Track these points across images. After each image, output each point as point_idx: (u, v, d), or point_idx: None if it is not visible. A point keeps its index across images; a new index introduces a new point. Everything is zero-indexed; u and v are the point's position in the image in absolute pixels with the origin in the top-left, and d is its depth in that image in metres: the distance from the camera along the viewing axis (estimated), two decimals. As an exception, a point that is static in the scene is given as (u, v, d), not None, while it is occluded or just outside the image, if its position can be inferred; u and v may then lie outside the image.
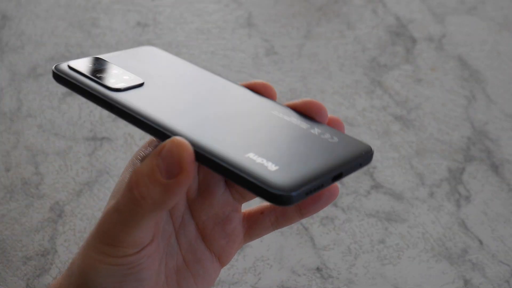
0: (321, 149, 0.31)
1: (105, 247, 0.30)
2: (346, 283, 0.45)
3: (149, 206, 0.29)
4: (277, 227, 0.37)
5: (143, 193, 0.28)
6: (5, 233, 0.47)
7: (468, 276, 0.46)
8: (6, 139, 0.53)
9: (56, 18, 0.62)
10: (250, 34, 0.62)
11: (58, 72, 0.33)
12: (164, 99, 0.32)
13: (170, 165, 0.28)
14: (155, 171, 0.28)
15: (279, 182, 0.27)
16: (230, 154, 0.29)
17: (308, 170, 0.29)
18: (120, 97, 0.32)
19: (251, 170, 0.28)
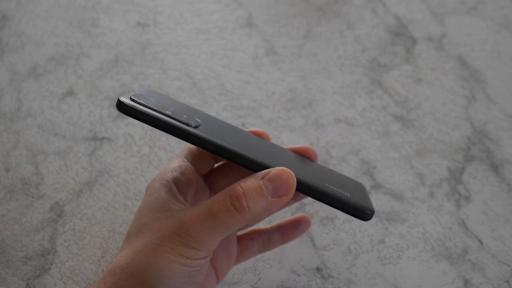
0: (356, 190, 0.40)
1: (185, 249, 0.34)
2: (346, 283, 0.45)
3: (249, 216, 0.34)
4: (261, 251, 0.44)
5: (251, 203, 0.34)
6: (5, 233, 0.47)
7: (468, 276, 0.46)
8: (6, 139, 0.53)
9: (56, 18, 0.62)
10: (250, 34, 0.62)
11: (127, 104, 0.35)
12: (227, 135, 0.38)
13: (277, 186, 0.34)
14: (262, 188, 0.34)
15: (363, 205, 0.36)
16: (318, 185, 0.36)
17: (364, 200, 0.38)
18: (198, 132, 0.36)
19: (339, 196, 0.36)
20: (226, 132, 0.39)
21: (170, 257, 0.34)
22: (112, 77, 0.58)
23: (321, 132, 0.54)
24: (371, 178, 0.51)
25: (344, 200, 0.36)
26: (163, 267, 0.34)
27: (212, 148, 0.35)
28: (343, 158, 0.53)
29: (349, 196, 0.37)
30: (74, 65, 0.58)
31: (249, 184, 0.34)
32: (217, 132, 0.38)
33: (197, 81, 0.58)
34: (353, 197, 0.37)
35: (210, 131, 0.37)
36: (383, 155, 0.53)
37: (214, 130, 0.38)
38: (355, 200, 0.37)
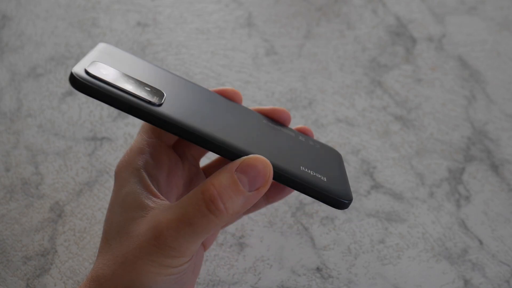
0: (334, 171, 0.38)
1: (168, 259, 0.32)
2: (346, 283, 0.45)
3: (228, 216, 0.31)
4: (246, 213, 0.41)
5: (227, 204, 0.31)
6: (5, 233, 0.47)
7: (468, 276, 0.46)
8: (6, 139, 0.53)
9: (56, 18, 0.62)
10: (250, 34, 0.62)
11: (80, 79, 0.30)
12: (195, 112, 0.34)
13: (253, 178, 0.31)
14: (238, 184, 0.31)
15: (339, 192, 0.34)
16: (291, 169, 0.33)
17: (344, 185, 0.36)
18: (162, 112, 0.31)
19: (313, 181, 0.33)
20: (194, 104, 0.35)
21: (153, 270, 0.32)
22: (112, 77, 0.58)
23: (321, 132, 0.54)
24: (371, 178, 0.51)
25: (320, 188, 0.33)
26: (147, 282, 0.32)
27: (177, 131, 0.31)
28: (343, 158, 0.53)
29: (326, 181, 0.34)
30: (74, 65, 0.58)
31: (223, 181, 0.31)
32: (183, 106, 0.33)
33: (197, 81, 0.58)
34: (330, 182, 0.35)
35: (175, 106, 0.33)
36: (383, 155, 0.53)
37: (179, 104, 0.34)
38: (332, 187, 0.34)
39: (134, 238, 0.33)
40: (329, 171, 0.36)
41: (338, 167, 0.38)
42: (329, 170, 0.36)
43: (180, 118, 0.32)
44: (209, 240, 0.40)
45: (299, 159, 0.35)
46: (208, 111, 0.35)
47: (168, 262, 0.32)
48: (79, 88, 0.30)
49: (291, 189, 0.39)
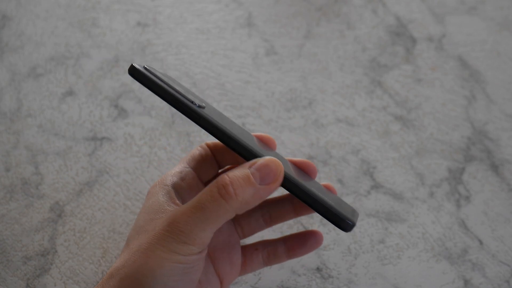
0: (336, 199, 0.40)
1: (177, 245, 0.34)
2: (346, 283, 0.45)
3: (237, 204, 0.34)
4: (267, 264, 0.42)
5: (238, 190, 0.34)
6: (5, 233, 0.47)
7: (468, 276, 0.46)
8: (6, 139, 0.53)
9: (56, 18, 0.62)
10: (250, 34, 0.62)
11: (142, 72, 0.36)
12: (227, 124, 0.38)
13: (265, 174, 0.34)
14: (250, 177, 0.34)
15: (345, 214, 0.37)
16: (305, 186, 0.36)
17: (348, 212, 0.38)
18: (204, 112, 0.36)
19: (325, 201, 0.36)
20: (228, 121, 0.39)
21: (161, 255, 0.34)
22: (112, 77, 0.58)
23: (321, 132, 0.54)
24: (371, 178, 0.51)
25: (327, 206, 0.36)
26: (155, 266, 0.33)
27: (212, 129, 0.36)
28: (343, 158, 0.53)
29: (333, 204, 0.37)
30: (74, 65, 0.58)
31: (236, 173, 0.34)
32: (219, 118, 0.38)
33: (197, 81, 0.58)
34: (337, 206, 0.37)
35: (213, 115, 0.37)
36: (383, 155, 0.53)
37: (217, 115, 0.38)
38: (338, 209, 0.37)
39: (150, 232, 0.35)
40: (341, 205, 0.39)
41: (351, 211, 0.40)
42: (342, 205, 0.39)
43: (217, 120, 0.36)
44: (227, 278, 0.41)
45: (315, 187, 0.38)
46: (239, 130, 0.39)
47: (178, 248, 0.33)
48: (138, 78, 0.36)
49: (315, 243, 0.42)
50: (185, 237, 0.34)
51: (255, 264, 0.42)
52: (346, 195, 0.50)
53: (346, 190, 0.50)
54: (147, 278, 0.33)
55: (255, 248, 0.42)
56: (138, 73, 0.36)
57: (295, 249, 0.42)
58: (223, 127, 0.36)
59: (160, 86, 0.36)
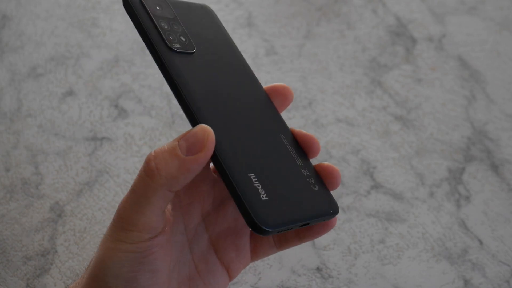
0: (303, 194, 0.34)
1: (121, 233, 0.32)
2: (346, 283, 0.45)
3: (162, 179, 0.31)
4: (280, 248, 0.39)
5: (159, 165, 0.31)
6: (5, 233, 0.47)
7: (468, 276, 0.46)
8: (6, 139, 0.53)
9: (56, 18, 0.62)
10: (250, 34, 0.62)
11: (130, 2, 0.34)
12: (203, 81, 0.34)
13: (192, 144, 0.31)
14: (175, 148, 0.31)
15: (263, 215, 0.31)
16: (236, 167, 0.32)
17: (287, 213, 0.32)
18: (171, 58, 0.33)
19: (247, 190, 0.31)
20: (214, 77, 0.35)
21: (110, 246, 0.32)
22: (112, 77, 0.58)
23: (321, 132, 0.54)
24: (371, 178, 0.51)
25: (246, 200, 0.31)
26: (105, 257, 0.32)
27: (168, 80, 0.33)
28: (343, 158, 0.53)
29: (261, 199, 0.32)
30: (74, 65, 0.58)
31: (163, 147, 0.32)
32: (199, 70, 0.34)
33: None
34: (265, 202, 0.32)
35: (190, 65, 0.34)
36: (383, 155, 0.53)
37: (198, 66, 0.35)
38: (258, 206, 0.31)
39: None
40: (283, 194, 0.33)
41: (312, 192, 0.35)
42: (286, 193, 0.33)
43: (179, 74, 0.33)
44: (234, 266, 0.38)
45: (259, 167, 0.33)
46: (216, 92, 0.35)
47: (123, 236, 0.32)
48: (125, 8, 0.33)
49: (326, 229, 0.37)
50: (127, 224, 0.32)
51: (266, 249, 0.39)
52: (346, 195, 0.50)
53: (346, 190, 0.50)
54: (100, 270, 0.33)
55: None
56: (126, 4, 0.34)
57: (307, 233, 0.38)
58: (178, 80, 0.33)
59: (138, 19, 0.33)
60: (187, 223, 0.37)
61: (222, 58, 0.37)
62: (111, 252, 0.32)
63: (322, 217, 0.34)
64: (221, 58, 0.37)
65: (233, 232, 0.38)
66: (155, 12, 0.34)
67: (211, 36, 0.37)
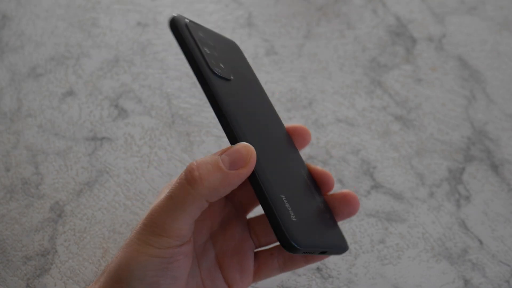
0: (323, 224, 0.36)
1: (151, 237, 0.33)
2: (346, 283, 0.45)
3: (204, 189, 0.32)
4: (284, 270, 0.40)
5: (203, 175, 0.32)
6: (5, 233, 0.47)
7: (468, 276, 0.46)
8: (6, 139, 0.53)
9: (56, 18, 0.62)
10: (250, 34, 0.62)
11: (178, 25, 0.36)
12: (240, 106, 0.36)
13: (235, 159, 0.33)
14: (219, 161, 0.33)
15: (295, 234, 0.32)
16: (272, 186, 0.34)
17: (313, 236, 0.34)
18: (213, 79, 0.35)
19: (281, 210, 0.33)
20: (248, 105, 0.37)
21: (137, 248, 0.33)
22: (112, 77, 0.58)
23: (321, 132, 0.54)
24: (371, 178, 0.51)
25: (281, 219, 0.33)
26: (130, 259, 0.33)
27: (211, 100, 0.34)
28: (343, 158, 0.53)
29: (293, 220, 0.33)
30: (74, 65, 0.58)
31: (205, 159, 0.33)
32: (236, 96, 0.36)
33: (197, 81, 0.58)
34: (296, 224, 0.33)
35: (229, 89, 0.36)
36: (383, 155, 0.53)
37: (235, 92, 0.36)
38: (292, 227, 0.33)
39: (135, 228, 0.35)
40: (307, 219, 0.35)
41: (328, 224, 0.37)
42: (310, 219, 0.35)
43: (222, 96, 0.35)
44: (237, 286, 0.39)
45: (288, 191, 0.35)
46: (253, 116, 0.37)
47: (152, 240, 0.33)
48: (172, 30, 0.36)
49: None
50: (159, 229, 0.33)
51: (270, 270, 0.40)
52: (346, 195, 0.50)
53: (346, 190, 0.50)
54: (125, 272, 0.33)
55: (270, 253, 0.40)
56: (174, 27, 0.36)
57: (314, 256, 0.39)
58: (221, 101, 0.34)
59: (185, 43, 0.35)
60: (197, 239, 0.38)
61: (252, 91, 0.39)
62: (138, 255, 0.33)
63: (336, 249, 0.36)
64: (250, 91, 0.39)
65: (239, 252, 0.39)
66: (199, 37, 0.36)
67: (241, 70, 0.40)
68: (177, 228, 0.33)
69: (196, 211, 0.33)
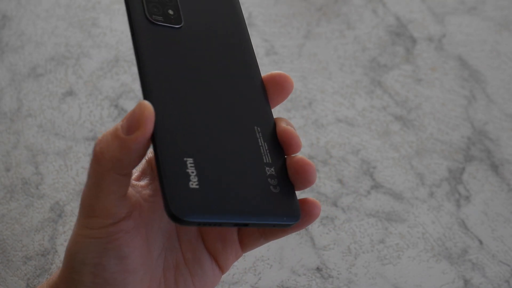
0: (252, 193, 0.30)
1: (85, 220, 0.32)
2: (346, 283, 0.45)
3: (107, 162, 0.30)
4: (267, 239, 0.37)
5: (103, 148, 0.31)
6: (5, 233, 0.47)
7: (468, 276, 0.46)
8: (6, 139, 0.53)
9: (56, 18, 0.62)
10: (250, 34, 0.62)
11: None
12: (174, 57, 0.31)
13: (131, 123, 0.30)
14: (117, 129, 0.30)
15: (180, 202, 0.27)
16: (170, 148, 0.29)
17: (216, 207, 0.28)
18: (144, 28, 0.31)
19: (173, 174, 0.28)
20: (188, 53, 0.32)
21: (77, 232, 0.33)
22: (112, 77, 0.58)
23: (321, 132, 0.54)
24: (371, 178, 0.51)
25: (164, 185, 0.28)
26: (71, 244, 0.33)
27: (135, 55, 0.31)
28: (343, 158, 0.53)
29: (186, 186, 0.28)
30: (74, 65, 0.58)
31: (110, 128, 0.31)
32: (172, 44, 0.31)
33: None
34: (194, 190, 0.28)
35: (163, 37, 0.31)
36: (383, 155, 0.53)
37: (176, 39, 0.32)
38: (181, 193, 0.28)
39: None
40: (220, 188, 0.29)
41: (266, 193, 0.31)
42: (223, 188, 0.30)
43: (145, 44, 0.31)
44: (223, 257, 0.37)
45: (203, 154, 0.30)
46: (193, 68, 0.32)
47: (86, 222, 0.32)
48: None
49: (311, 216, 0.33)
50: (87, 210, 0.32)
51: (253, 240, 0.37)
52: (346, 195, 0.50)
53: (346, 190, 0.50)
54: (69, 256, 0.33)
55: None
56: None
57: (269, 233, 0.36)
58: (140, 50, 0.30)
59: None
60: None
61: (217, 37, 0.33)
62: (77, 238, 0.32)
63: (268, 223, 0.30)
64: (215, 37, 0.33)
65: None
66: None
67: (215, 14, 0.34)
68: (102, 207, 0.31)
69: (113, 187, 0.31)
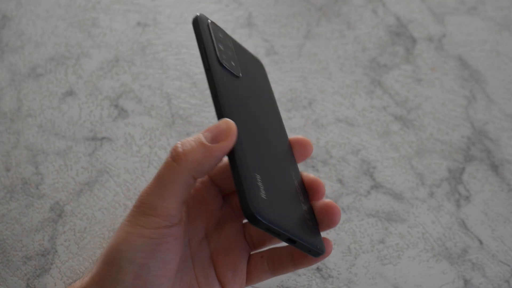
0: (298, 218, 0.36)
1: (140, 217, 0.33)
2: (346, 283, 0.45)
3: (188, 163, 0.33)
4: (274, 273, 0.40)
5: (186, 150, 0.33)
6: (5, 233, 0.47)
7: (468, 276, 0.46)
8: (6, 139, 0.53)
9: (56, 18, 0.62)
10: (250, 34, 0.62)
11: (199, 22, 0.37)
12: (240, 98, 0.37)
13: (216, 134, 0.34)
14: (201, 137, 0.34)
15: (259, 206, 0.32)
16: (246, 163, 0.34)
17: (280, 217, 0.33)
18: (218, 68, 0.36)
19: (250, 183, 0.33)
20: (248, 102, 0.38)
21: (127, 230, 0.33)
22: (112, 77, 0.58)
23: (321, 132, 0.54)
24: (371, 178, 0.51)
25: (245, 190, 0.32)
26: (120, 241, 0.33)
27: (211, 90, 0.35)
28: (343, 158, 0.53)
29: (261, 196, 0.33)
30: (74, 65, 0.58)
31: (189, 138, 0.34)
32: (237, 90, 0.37)
33: (197, 81, 0.58)
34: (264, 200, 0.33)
35: (232, 82, 0.37)
36: (383, 155, 0.53)
37: (239, 87, 0.37)
38: (255, 198, 0.32)
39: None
40: (280, 203, 0.35)
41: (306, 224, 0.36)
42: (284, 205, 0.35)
43: (221, 83, 0.36)
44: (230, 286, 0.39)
45: (266, 174, 0.35)
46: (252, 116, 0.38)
47: (141, 221, 0.33)
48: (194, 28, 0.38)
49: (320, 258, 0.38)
50: (148, 209, 0.33)
51: (261, 273, 0.40)
52: (346, 195, 0.50)
53: (346, 190, 0.50)
54: (115, 254, 0.33)
55: (261, 256, 0.40)
56: (196, 25, 0.37)
57: (301, 258, 0.39)
58: (219, 86, 0.35)
59: (201, 37, 0.37)
60: (192, 236, 0.39)
61: (261, 96, 0.40)
62: (127, 236, 0.33)
63: (308, 246, 0.35)
64: (259, 96, 0.40)
65: (233, 252, 0.40)
66: (217, 36, 0.38)
67: (256, 78, 0.41)
68: (165, 207, 0.33)
69: (182, 189, 0.33)
